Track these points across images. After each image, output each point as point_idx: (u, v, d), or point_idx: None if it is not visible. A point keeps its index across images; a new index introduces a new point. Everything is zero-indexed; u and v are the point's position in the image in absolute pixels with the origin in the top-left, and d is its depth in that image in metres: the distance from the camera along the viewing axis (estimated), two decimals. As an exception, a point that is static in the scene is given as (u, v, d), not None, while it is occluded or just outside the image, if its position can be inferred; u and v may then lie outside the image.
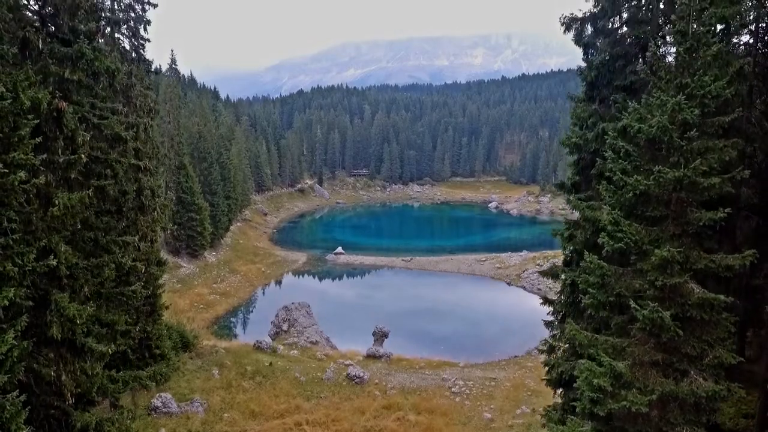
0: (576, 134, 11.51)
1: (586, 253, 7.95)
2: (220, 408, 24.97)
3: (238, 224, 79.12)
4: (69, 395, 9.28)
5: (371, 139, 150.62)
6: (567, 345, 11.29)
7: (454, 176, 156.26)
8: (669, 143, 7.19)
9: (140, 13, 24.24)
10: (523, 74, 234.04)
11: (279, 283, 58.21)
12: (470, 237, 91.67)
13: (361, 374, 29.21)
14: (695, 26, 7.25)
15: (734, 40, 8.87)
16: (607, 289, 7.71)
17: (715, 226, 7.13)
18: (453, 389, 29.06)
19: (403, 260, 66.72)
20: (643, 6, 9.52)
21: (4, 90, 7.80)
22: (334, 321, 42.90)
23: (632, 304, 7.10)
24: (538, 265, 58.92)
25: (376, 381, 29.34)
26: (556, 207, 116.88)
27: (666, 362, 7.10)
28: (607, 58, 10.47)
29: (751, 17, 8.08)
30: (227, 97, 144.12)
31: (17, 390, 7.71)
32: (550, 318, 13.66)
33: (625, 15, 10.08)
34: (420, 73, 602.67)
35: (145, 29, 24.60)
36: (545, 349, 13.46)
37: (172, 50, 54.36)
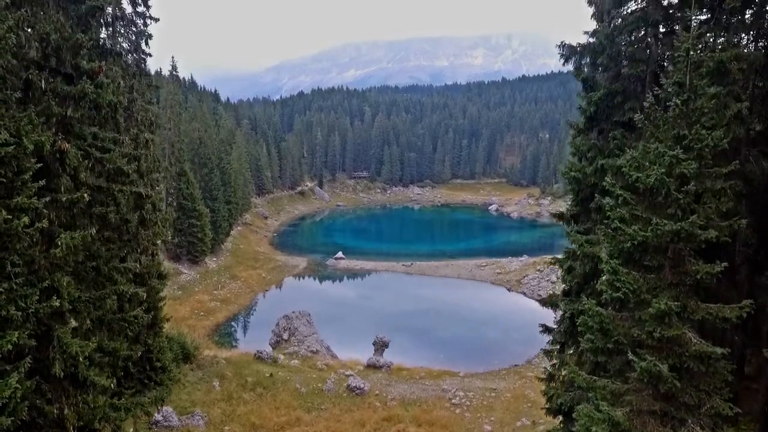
0: (575, 167, 11.58)
1: (585, 298, 8.01)
2: (220, 421, 25.05)
3: (239, 228, 79.19)
4: (72, 428, 9.34)
5: (371, 141, 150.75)
6: (566, 372, 11.36)
7: (454, 178, 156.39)
8: (666, 195, 7.27)
9: (142, 27, 24.26)
10: (524, 75, 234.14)
11: (279, 288, 58.27)
12: (470, 241, 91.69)
13: (362, 385, 29.27)
14: (692, 78, 7.33)
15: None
16: (605, 335, 7.79)
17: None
18: (453, 400, 29.12)
19: (403, 265, 66.78)
20: (640, 44, 9.57)
21: (8, 135, 7.88)
22: (335, 328, 42.98)
23: (630, 355, 7.18)
24: (539, 270, 58.99)
25: (377, 392, 29.40)
26: (557, 210, 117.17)
27: (664, 411, 7.16)
28: (606, 93, 10.55)
29: (750, 59, 8.14)
30: (227, 99, 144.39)
31: (19, 428, 7.78)
32: (549, 347, 13.73)
33: (623, 49, 10.14)
34: (420, 74, 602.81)
35: (147, 44, 24.61)
36: (545, 377, 13.53)
37: (172, 57, 54.48)
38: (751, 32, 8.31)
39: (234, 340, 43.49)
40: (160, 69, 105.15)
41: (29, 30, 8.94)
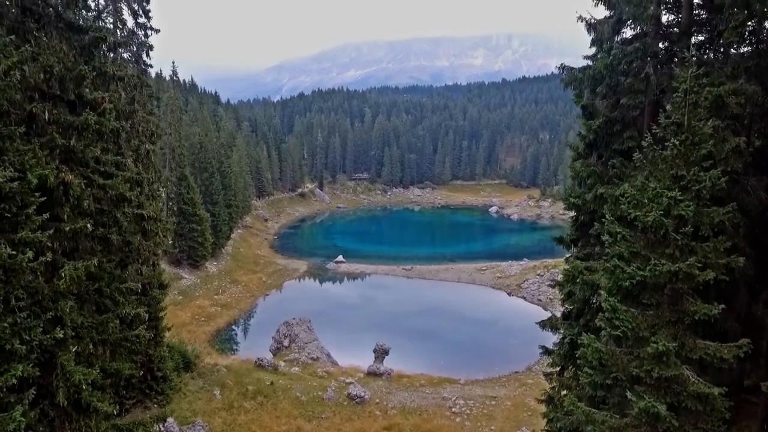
0: (574, 194, 11.64)
1: (584, 335, 8.09)
2: (221, 430, 25.11)
3: (239, 231, 79.25)
4: (75, 452, 9.45)
5: (372, 142, 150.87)
6: (566, 401, 11.39)
7: (454, 179, 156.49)
8: (665, 235, 7.34)
9: (143, 38, 24.35)
10: (524, 76, 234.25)
11: (280, 293, 58.32)
12: (471, 244, 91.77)
13: (362, 393, 29.32)
14: (690, 118, 7.39)
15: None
16: (604, 371, 7.85)
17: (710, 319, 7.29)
18: (453, 409, 29.18)
19: (403, 269, 66.85)
20: (639, 74, 9.61)
21: (13, 170, 7.96)
22: (335, 333, 43.01)
23: (629, 395, 7.24)
24: (539, 275, 59.05)
25: (377, 400, 29.45)
26: (557, 212, 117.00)
27: (662, 448, 7.25)
28: (605, 121, 10.61)
29: (748, 93, 8.18)
30: (228, 100, 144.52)
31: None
32: (549, 369, 13.79)
33: (621, 80, 10.17)
34: (420, 74, 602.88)
35: (148, 54, 24.71)
36: (544, 399, 13.59)
37: (173, 62, 54.55)
38: (750, 65, 8.38)
39: (234, 346, 43.60)
40: (161, 71, 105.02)
41: (33, 62, 9.01)
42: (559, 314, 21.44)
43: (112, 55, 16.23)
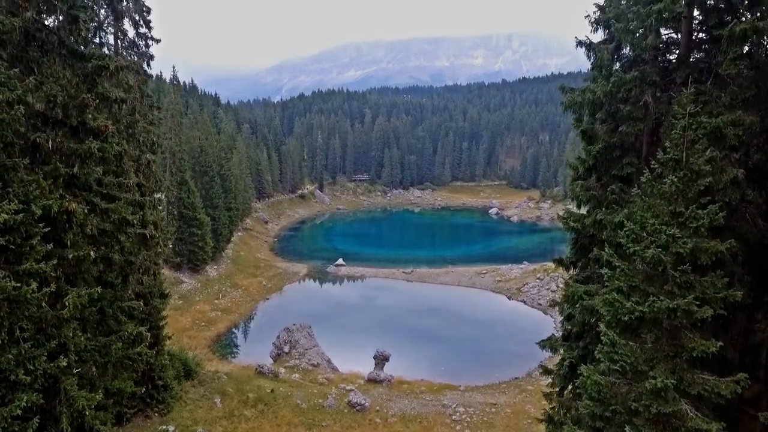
0: (573, 217, 11.69)
1: (584, 366, 8.15)
2: (222, 440, 25.16)
3: (239, 234, 79.32)
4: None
5: (372, 143, 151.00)
6: (565, 412, 11.50)
7: (454, 180, 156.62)
8: (663, 271, 7.41)
9: (144, 49, 24.42)
10: (524, 77, 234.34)
11: (280, 297, 58.37)
12: (471, 246, 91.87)
13: (363, 401, 29.37)
14: (688, 155, 7.46)
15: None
16: (603, 404, 7.91)
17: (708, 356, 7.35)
18: (453, 416, 29.24)
19: (404, 272, 66.91)
20: (638, 101, 9.67)
21: (17, 202, 8.02)
22: (336, 338, 43.03)
23: (627, 429, 7.30)
24: (539, 279, 59.14)
25: (377, 408, 29.50)
26: (557, 214, 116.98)
27: (661, 482, 7.31)
28: (605, 146, 10.67)
29: (746, 123, 8.23)
30: (228, 101, 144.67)
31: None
32: (549, 390, 13.87)
33: (621, 107, 10.20)
34: (420, 74, 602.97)
35: (149, 64, 24.80)
36: (544, 419, 13.66)
37: (173, 67, 54.62)
38: (748, 96, 8.42)
39: (235, 351, 43.63)
40: (161, 73, 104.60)
41: (37, 91, 9.06)
42: (558, 318, 21.29)
43: (114, 80, 16.20)
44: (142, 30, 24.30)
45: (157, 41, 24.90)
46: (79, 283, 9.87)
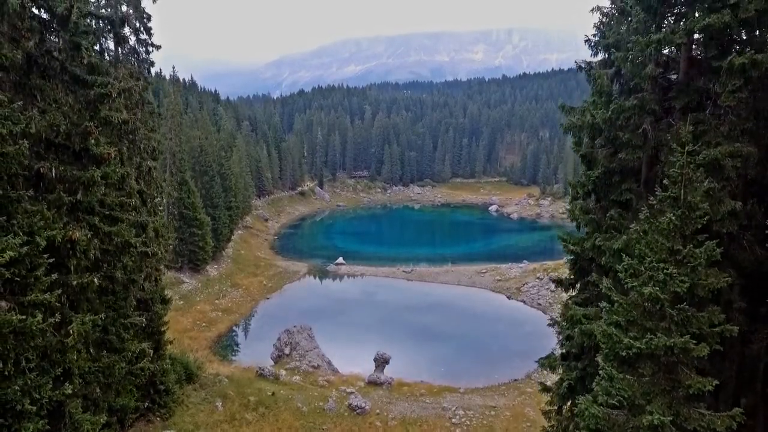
0: (572, 240, 11.77)
1: (581, 397, 8.26)
2: (223, 443, 25.35)
3: (240, 232, 79.43)
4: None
5: (372, 140, 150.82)
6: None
7: (454, 177, 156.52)
8: (661, 309, 7.50)
9: (144, 56, 24.44)
10: (524, 73, 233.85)
11: (280, 296, 58.53)
12: (470, 244, 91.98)
13: (363, 404, 29.56)
14: (686, 194, 7.53)
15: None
16: (601, 434, 8.05)
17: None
18: (453, 420, 29.44)
19: (404, 271, 67.08)
20: (637, 129, 9.72)
21: (22, 234, 8.10)
22: (336, 338, 43.20)
23: (625, 465, 7.46)
24: (538, 278, 59.29)
25: (377, 411, 29.69)
26: (557, 211, 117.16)
27: None
28: (604, 171, 10.75)
29: (744, 154, 8.30)
30: (227, 97, 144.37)
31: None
32: (547, 407, 14.01)
33: (620, 134, 10.26)
34: (421, 69, 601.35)
35: (149, 71, 24.82)
36: (543, 435, 13.83)
37: (173, 67, 54.53)
38: (746, 127, 8.46)
39: (236, 352, 43.82)
40: (161, 70, 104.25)
41: (41, 117, 9.12)
42: (557, 317, 21.52)
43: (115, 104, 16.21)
44: (143, 37, 24.33)
45: (158, 47, 24.92)
46: (82, 306, 9.97)
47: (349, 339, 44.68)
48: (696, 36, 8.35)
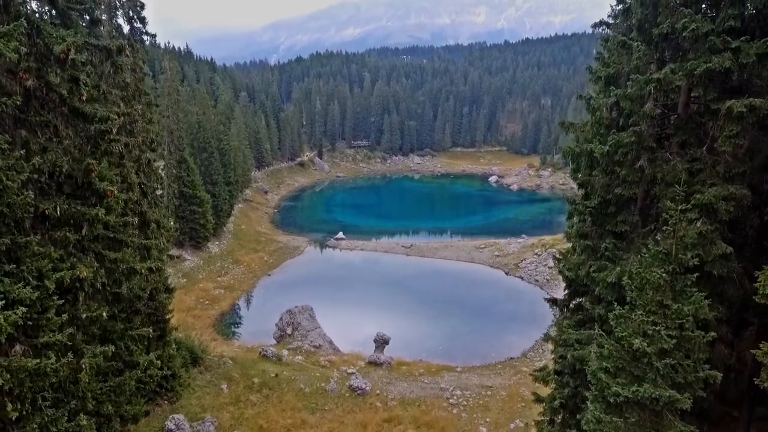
0: (569, 264, 12.00)
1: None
2: (230, 425, 26.25)
3: (240, 206, 79.65)
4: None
5: (371, 108, 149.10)
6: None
7: (454, 146, 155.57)
8: (648, 362, 7.79)
9: (138, 45, 24.04)
10: (527, 38, 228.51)
11: (281, 272, 59.25)
12: (470, 217, 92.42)
13: (363, 385, 30.48)
14: (678, 251, 7.68)
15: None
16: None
17: None
18: (451, 400, 30.42)
19: (403, 246, 67.69)
20: (634, 164, 9.77)
21: (31, 279, 8.31)
22: (336, 315, 43.95)
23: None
24: (536, 254, 59.94)
25: (378, 392, 30.64)
26: (557, 182, 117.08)
27: None
28: (600, 202, 10.85)
29: (737, 197, 8.39)
30: (224, 64, 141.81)
31: None
32: (540, 418, 14.54)
33: (617, 169, 10.30)
34: (421, 32, 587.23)
35: (144, 61, 24.45)
36: (535, 443, 14.39)
37: (168, 42, 53.27)
38: (741, 171, 8.51)
39: (239, 331, 44.74)
40: (155, 40, 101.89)
41: (42, 155, 9.18)
42: (555, 295, 21.98)
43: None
44: (137, 25, 23.89)
45: (153, 36, 24.52)
46: (92, 332, 10.29)
47: (349, 317, 45.52)
48: (696, 74, 8.31)
